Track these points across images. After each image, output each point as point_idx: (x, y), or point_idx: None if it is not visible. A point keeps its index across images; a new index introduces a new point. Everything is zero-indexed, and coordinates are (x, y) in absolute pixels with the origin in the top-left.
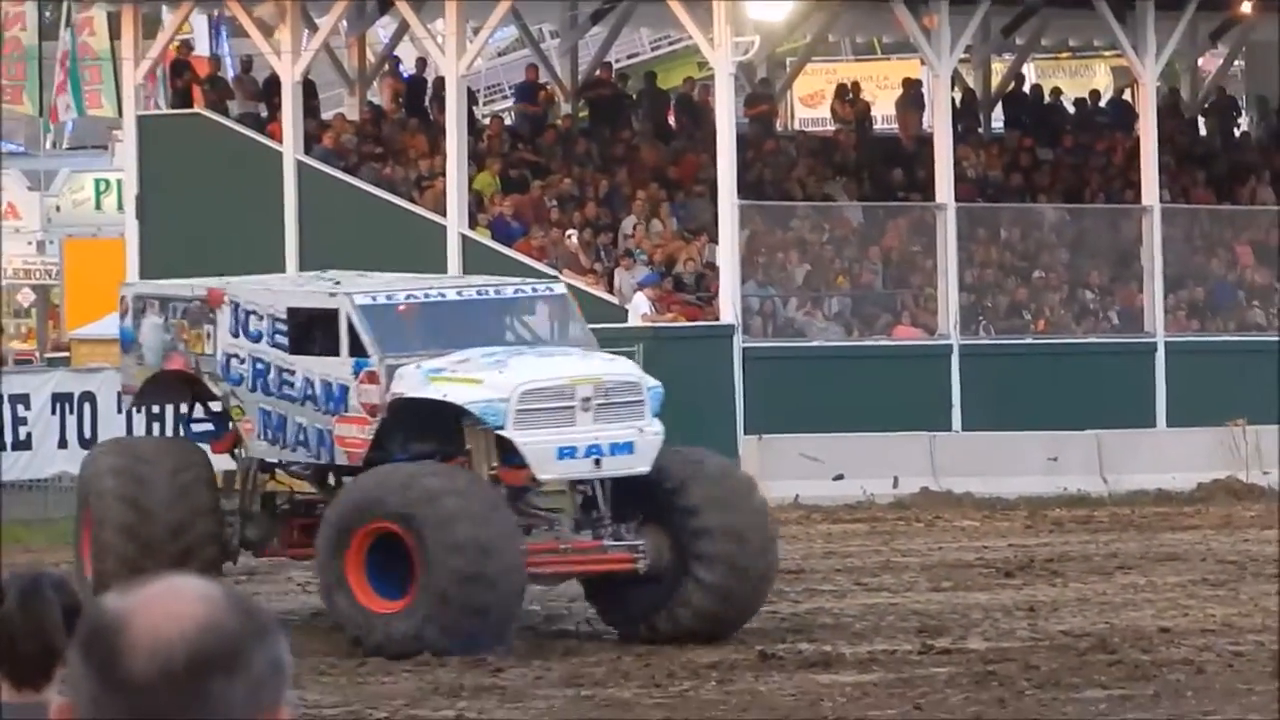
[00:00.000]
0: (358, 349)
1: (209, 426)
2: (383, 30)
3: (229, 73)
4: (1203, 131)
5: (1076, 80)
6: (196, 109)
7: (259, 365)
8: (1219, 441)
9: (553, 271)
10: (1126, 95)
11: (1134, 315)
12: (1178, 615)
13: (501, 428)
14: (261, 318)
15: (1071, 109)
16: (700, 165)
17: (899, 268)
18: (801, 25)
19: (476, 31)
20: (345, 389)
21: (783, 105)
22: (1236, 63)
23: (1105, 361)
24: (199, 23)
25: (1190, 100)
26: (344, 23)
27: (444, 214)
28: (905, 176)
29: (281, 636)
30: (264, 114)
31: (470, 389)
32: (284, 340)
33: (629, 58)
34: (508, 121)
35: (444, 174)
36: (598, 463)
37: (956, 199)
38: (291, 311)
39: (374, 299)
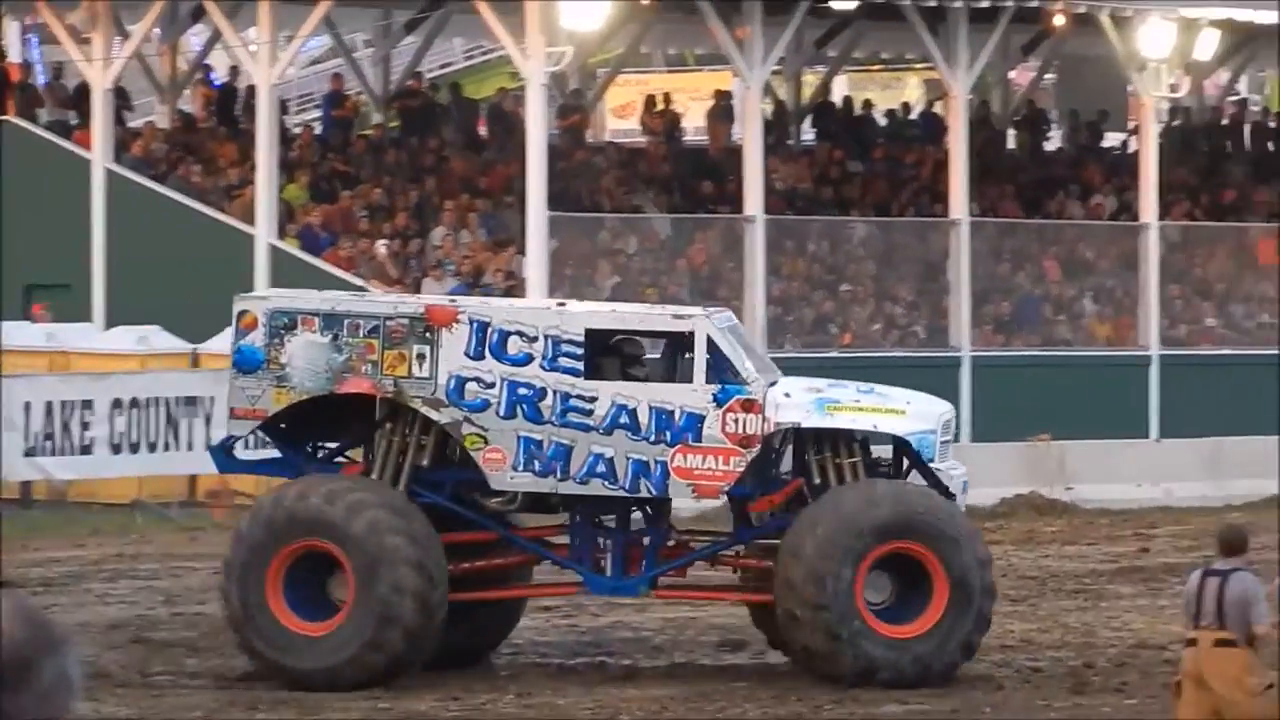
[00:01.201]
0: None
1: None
2: (195, 38)
3: (39, 80)
4: (1012, 144)
5: (889, 93)
6: (4, 116)
7: (522, 390)
8: (1023, 456)
9: (360, 282)
10: (937, 108)
11: (941, 329)
12: None
13: (932, 459)
14: (534, 339)
15: (882, 121)
16: (510, 176)
17: (707, 280)
18: (614, 36)
19: (289, 40)
20: (697, 418)
21: (594, 116)
22: (1048, 76)
23: (911, 375)
24: (10, 29)
25: (1001, 113)
26: (156, 30)
27: (253, 223)
28: (715, 188)
29: (72, 649)
30: (74, 121)
31: (898, 420)
32: (575, 364)
33: (442, 67)
34: (318, 131)
35: (254, 183)
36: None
37: (766, 211)
38: (595, 334)
39: (723, 322)
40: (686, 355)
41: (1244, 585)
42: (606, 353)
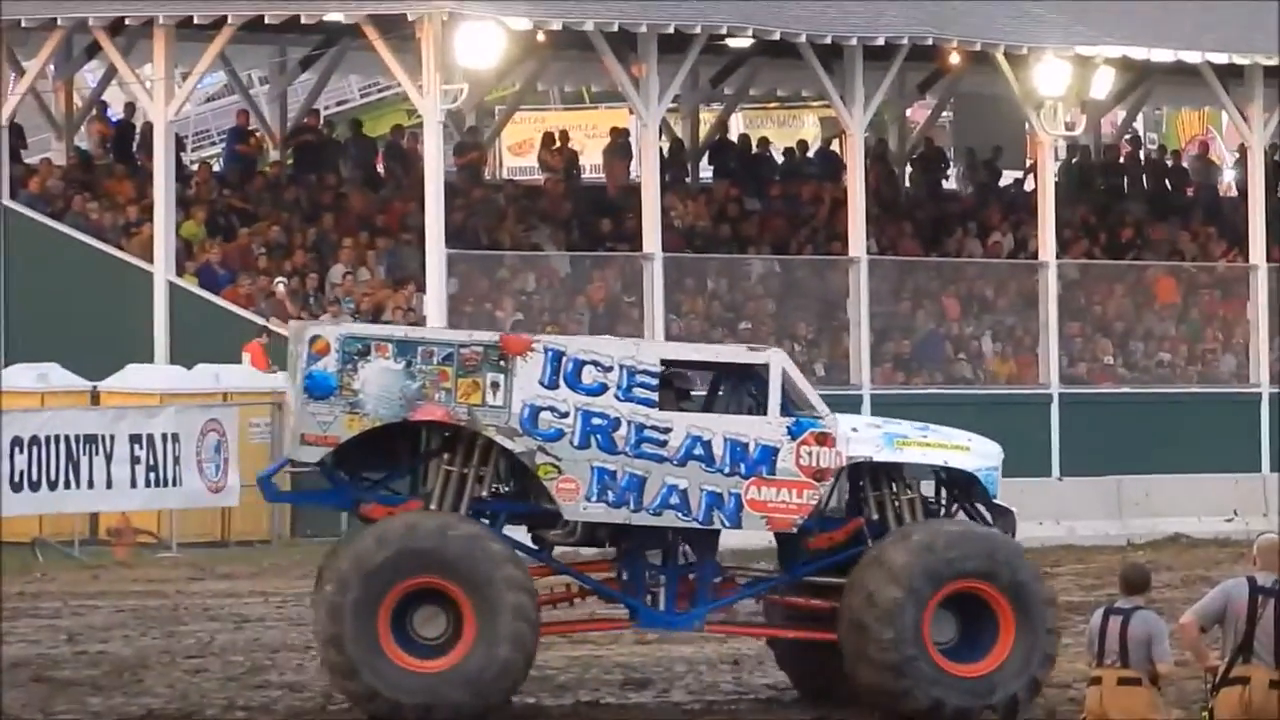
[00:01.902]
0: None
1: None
2: (90, 74)
3: None
4: (908, 183)
5: (785, 130)
6: None
7: (596, 420)
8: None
9: (261, 320)
10: (835, 145)
11: (841, 367)
12: None
13: (995, 496)
14: (609, 369)
15: (779, 159)
16: (408, 213)
17: (606, 318)
18: (510, 73)
19: (185, 77)
20: (771, 450)
21: (491, 153)
22: (944, 114)
23: None
24: None
25: (898, 151)
26: (51, 66)
27: (151, 260)
28: (613, 226)
29: None
30: None
31: (965, 456)
32: (650, 395)
33: (338, 105)
34: (216, 168)
35: (151, 220)
36: None
37: (664, 249)
38: (670, 365)
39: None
40: (739, 389)
41: (1147, 624)
42: (660, 385)
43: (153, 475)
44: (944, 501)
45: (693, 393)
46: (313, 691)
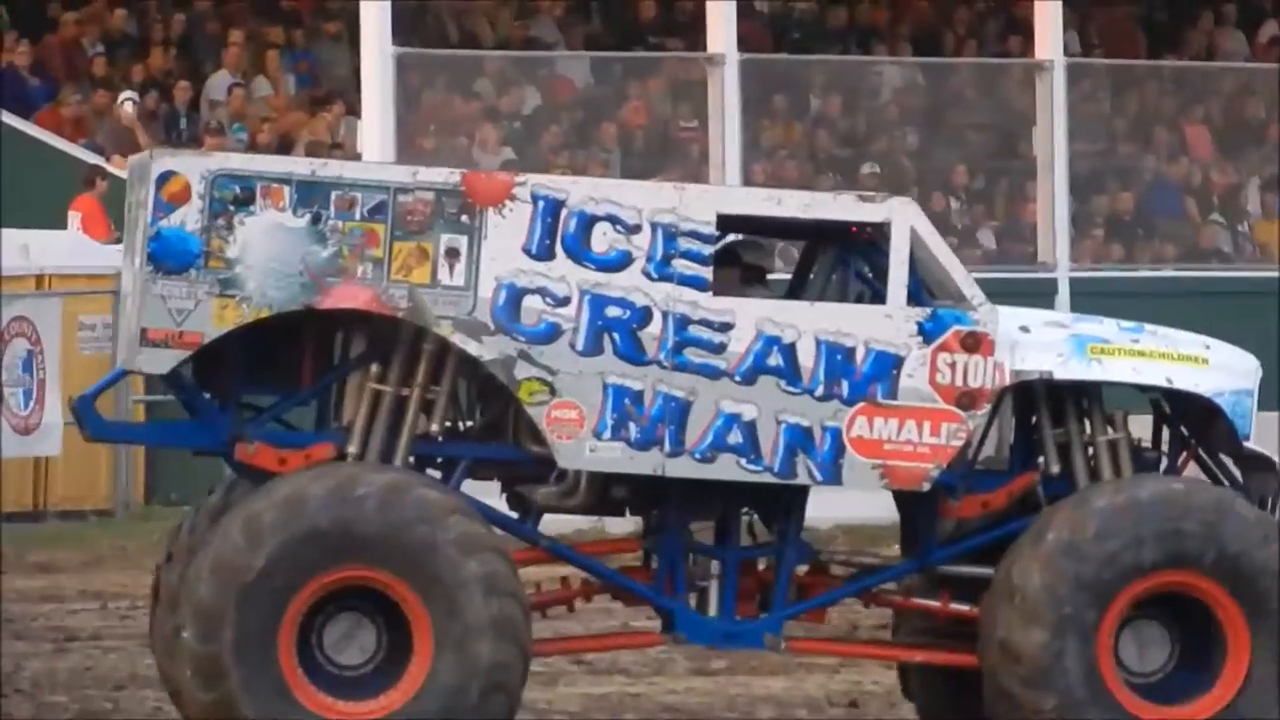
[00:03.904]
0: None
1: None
2: None
3: None
4: None
5: None
6: None
7: (614, 309)
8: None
9: (97, 158)
10: None
11: (1021, 235)
12: None
13: (1247, 436)
14: (635, 228)
15: None
16: None
17: (648, 157)
18: None
19: None
20: (892, 359)
21: None
22: None
23: None
24: None
25: None
26: None
27: None
28: (659, 12)
29: None
30: None
31: (1200, 372)
32: (699, 271)
33: None
34: None
35: None
36: None
37: (740, 48)
38: (732, 224)
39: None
40: (843, 265)
41: None
42: (716, 261)
43: None
44: (1166, 447)
45: (769, 274)
46: None
